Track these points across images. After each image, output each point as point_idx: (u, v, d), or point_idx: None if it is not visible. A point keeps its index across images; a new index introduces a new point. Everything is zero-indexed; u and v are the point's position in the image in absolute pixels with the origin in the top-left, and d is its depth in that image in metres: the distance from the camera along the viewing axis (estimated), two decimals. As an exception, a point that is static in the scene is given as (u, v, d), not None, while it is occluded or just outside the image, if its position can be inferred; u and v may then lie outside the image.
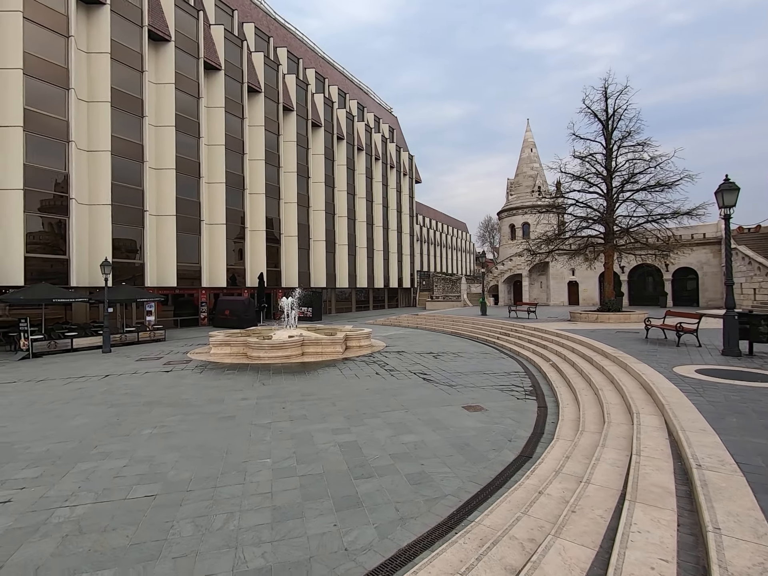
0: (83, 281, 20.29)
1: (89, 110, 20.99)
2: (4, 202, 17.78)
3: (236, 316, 24.87)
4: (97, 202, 20.93)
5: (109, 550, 3.59)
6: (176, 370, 11.82)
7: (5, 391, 9.62)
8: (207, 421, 7.14)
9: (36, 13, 18.53)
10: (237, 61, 29.02)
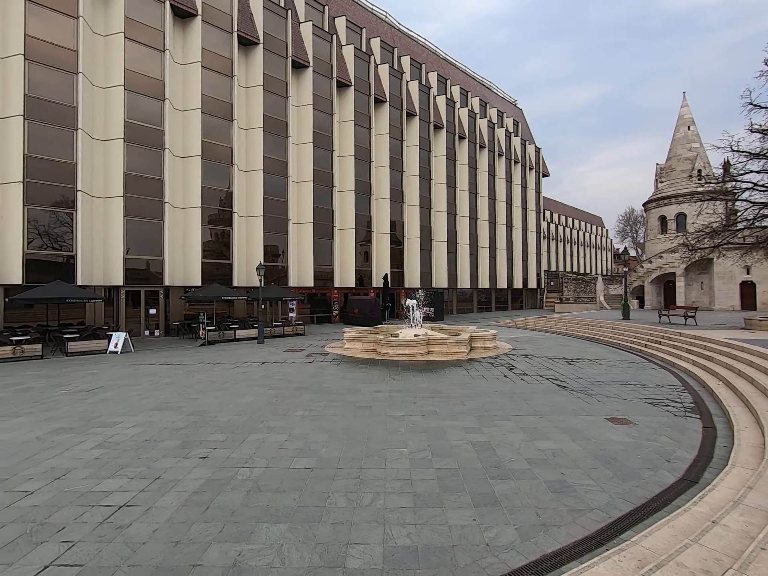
0: (242, 282, 23.91)
1: (247, 137, 24.69)
2: (188, 218, 22.00)
3: (363, 314, 26.56)
4: (252, 214, 24.47)
5: (282, 508, 4.26)
6: (317, 361, 13.20)
7: (193, 371, 11.95)
8: (348, 408, 7.86)
9: (208, 60, 22.60)
10: (365, 76, 30.99)
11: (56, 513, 4.16)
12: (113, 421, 7.09)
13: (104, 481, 4.85)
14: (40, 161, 17.56)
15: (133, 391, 9.38)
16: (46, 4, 17.58)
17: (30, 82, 17.27)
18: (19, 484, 4.80)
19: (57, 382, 10.50)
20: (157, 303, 21.51)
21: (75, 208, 18.34)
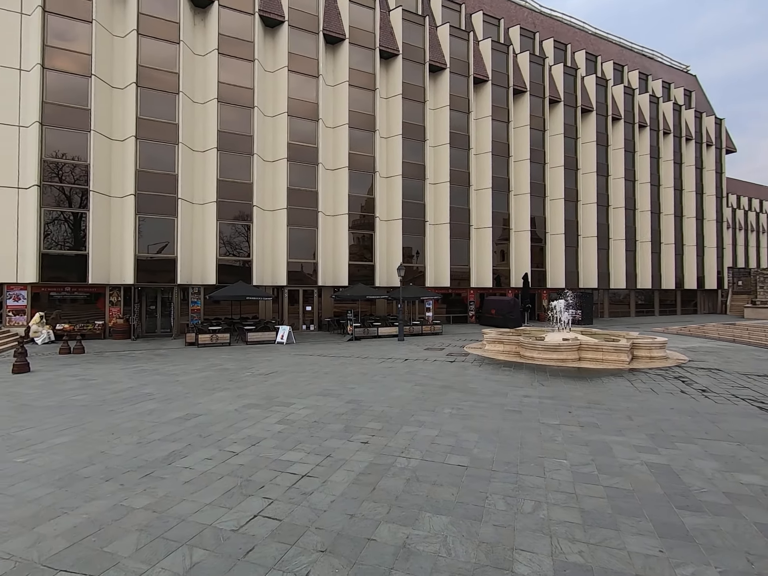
0: (383, 282, 25.34)
1: (387, 145, 26.09)
2: (337, 225, 24.27)
3: (501, 315, 25.62)
4: (392, 217, 25.74)
5: (441, 501, 4.39)
6: (458, 361, 13.23)
7: (346, 363, 13.14)
8: (495, 410, 7.69)
9: (354, 78, 24.53)
10: (502, 68, 29.87)
11: (256, 473, 5.03)
12: (288, 402, 8.25)
13: (287, 453, 5.68)
14: (227, 183, 21.43)
15: (301, 377, 10.76)
16: (232, 54, 21.44)
17: (221, 120, 21.27)
18: (227, 446, 5.94)
19: (243, 365, 12.68)
20: (312, 301, 24.24)
21: (251, 220, 21.90)
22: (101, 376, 10.83)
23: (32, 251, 17.79)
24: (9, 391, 9.11)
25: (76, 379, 10.51)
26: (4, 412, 7.55)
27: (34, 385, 9.78)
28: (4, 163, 18.02)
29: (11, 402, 8.21)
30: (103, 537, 3.71)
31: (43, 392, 9.06)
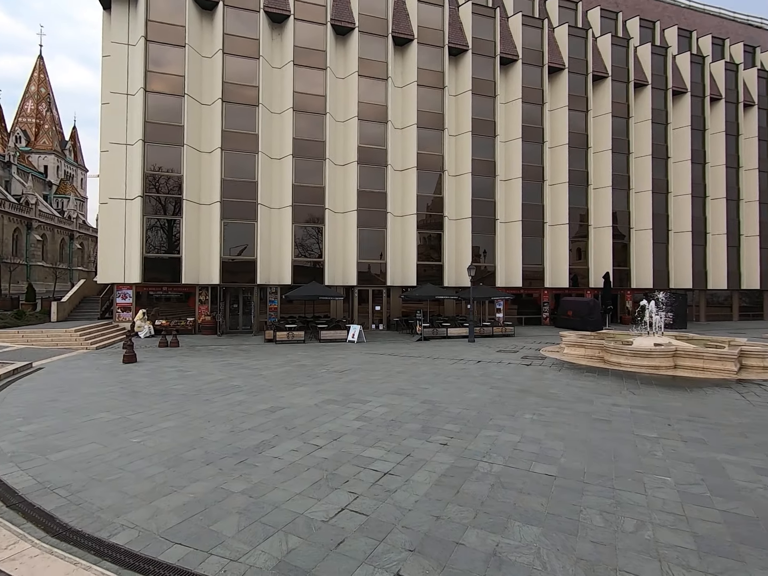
0: (451, 282, 24.97)
1: (456, 142, 25.67)
2: (405, 225, 24.37)
3: (579, 318, 24.06)
4: (461, 216, 25.27)
5: (531, 511, 4.19)
6: (535, 364, 12.63)
7: (417, 363, 13.14)
8: (581, 419, 7.21)
9: (423, 78, 24.46)
10: (580, 54, 28.05)
11: (340, 468, 5.18)
12: (364, 400, 8.41)
13: (368, 449, 5.78)
14: (301, 188, 22.44)
15: (374, 375, 10.94)
16: (306, 64, 22.46)
17: (296, 127, 22.34)
18: (311, 439, 6.19)
19: (319, 362, 13.19)
20: (381, 300, 24.57)
21: (323, 222, 22.74)
22: (195, 368, 11.86)
23: (137, 255, 20.00)
24: (122, 379, 10.30)
25: (174, 370, 11.62)
26: (121, 397, 8.55)
27: (142, 374, 10.97)
28: (115, 178, 20.44)
29: (125, 389, 9.28)
30: (208, 516, 4.04)
31: (149, 381, 10.13)
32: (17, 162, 48.73)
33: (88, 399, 8.33)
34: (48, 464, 5.20)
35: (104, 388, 9.27)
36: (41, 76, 59.54)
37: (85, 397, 8.50)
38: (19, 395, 8.58)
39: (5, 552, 3.25)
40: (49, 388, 9.27)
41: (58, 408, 7.68)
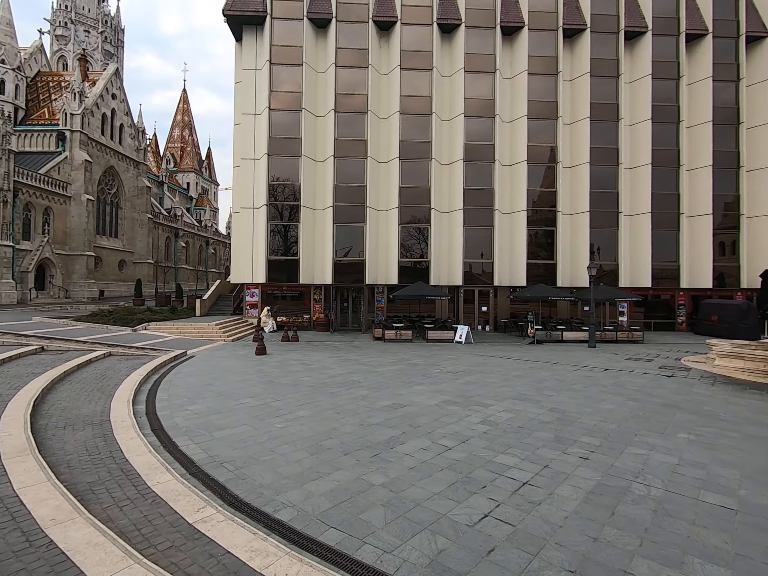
0: (566, 282, 23.17)
1: (571, 131, 23.74)
2: (514, 222, 23.26)
3: (727, 323, 20.53)
4: (577, 210, 23.30)
5: (711, 548, 3.60)
6: (678, 376, 11.05)
7: (534, 367, 12.41)
8: (756, 443, 6.08)
9: (534, 65, 23.09)
10: (730, 13, 23.91)
11: (474, 471, 5.07)
12: (485, 403, 8.18)
13: (500, 455, 5.57)
14: (407, 189, 22.79)
15: (490, 378, 10.60)
16: (412, 66, 22.77)
17: (402, 130, 22.76)
18: (438, 439, 6.18)
19: (430, 362, 13.23)
20: (488, 301, 23.80)
21: (429, 222, 22.80)
22: (316, 362, 12.75)
23: (262, 258, 22.24)
24: (258, 369, 11.50)
25: (299, 363, 12.62)
26: (260, 385, 9.54)
27: (273, 365, 12.13)
28: (245, 190, 22.99)
29: (262, 378, 10.34)
30: (356, 505, 4.24)
31: (280, 372, 11.14)
32: (168, 181, 57.86)
33: (235, 385, 9.45)
34: (213, 441, 5.98)
35: (245, 377, 10.44)
36: (185, 106, 69.88)
37: (232, 383, 9.66)
38: (182, 378, 10.09)
39: (197, 514, 3.78)
40: (202, 373, 10.75)
41: (213, 392, 8.84)
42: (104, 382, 9.12)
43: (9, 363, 10.13)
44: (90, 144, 35.36)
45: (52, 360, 10.88)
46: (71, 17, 66.93)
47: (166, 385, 9.42)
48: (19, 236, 29.30)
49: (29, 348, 11.68)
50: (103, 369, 10.48)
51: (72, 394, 8.08)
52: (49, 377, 8.65)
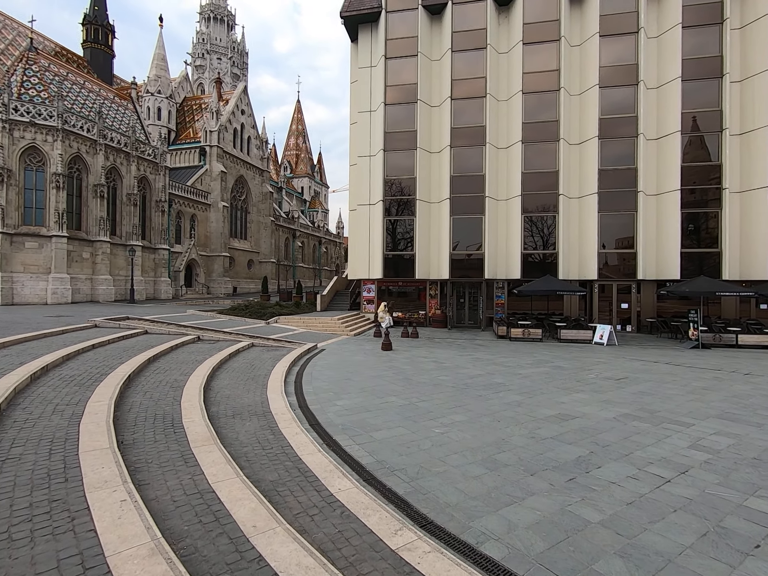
0: (734, 274, 19.10)
1: (742, 90, 19.43)
2: (662, 205, 19.86)
3: None
4: (752, 186, 19.00)
5: None
6: None
7: (720, 377, 10.08)
8: None
9: (689, 16, 19.37)
10: None
11: (725, 519, 3.79)
12: (681, 421, 6.59)
13: (749, 498, 4.17)
14: (531, 175, 20.88)
15: (668, 389, 8.76)
16: (536, 40, 20.75)
17: (525, 111, 20.90)
18: (644, 466, 4.94)
19: (576, 365, 11.64)
20: (629, 297, 20.74)
21: (556, 210, 20.61)
22: (447, 360, 12.05)
23: (378, 254, 22.33)
24: (390, 365, 11.21)
25: (429, 360, 12.06)
26: (398, 383, 9.14)
27: (403, 362, 11.75)
28: (361, 187, 23.31)
29: (397, 375, 9.96)
30: (579, 548, 3.34)
31: (413, 369, 10.68)
32: (285, 186, 62.72)
33: (373, 381, 9.18)
34: (374, 442, 5.57)
35: (380, 372, 10.17)
36: (299, 116, 75.10)
37: (369, 379, 9.42)
38: (321, 372, 10.18)
39: (397, 539, 3.25)
40: (338, 367, 10.77)
41: (355, 387, 8.65)
42: (255, 372, 9.54)
43: (176, 350, 11.28)
44: (225, 156, 39.63)
45: (208, 349, 11.88)
46: (207, 48, 76.45)
47: (308, 377, 9.53)
48: (172, 240, 33.98)
49: (189, 337, 12.99)
50: (250, 359, 11.10)
51: (231, 383, 8.51)
52: (210, 365, 9.29)
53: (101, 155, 27.08)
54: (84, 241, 26.42)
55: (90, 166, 26.80)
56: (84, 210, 26.82)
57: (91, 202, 26.85)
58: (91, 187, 26.83)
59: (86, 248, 26.55)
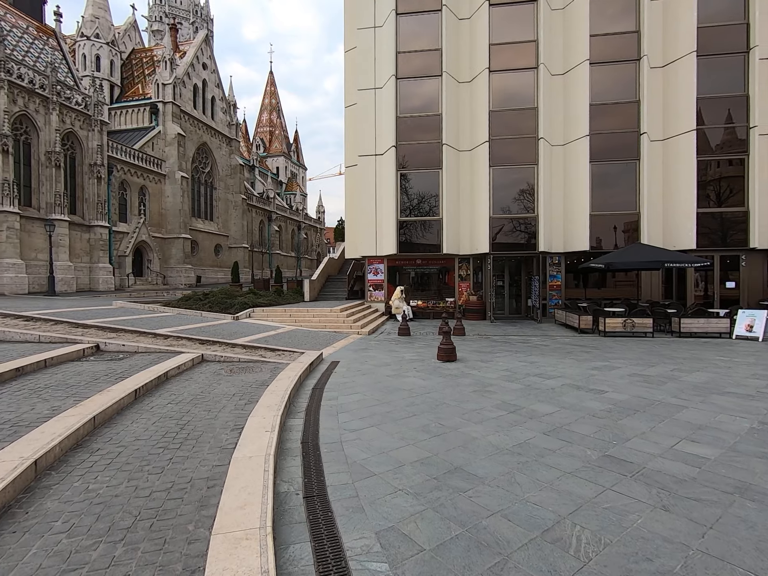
0: None
1: None
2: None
3: None
4: None
5: None
6: None
7: None
8: None
9: None
10: None
11: None
12: None
13: None
14: (603, 109, 15.25)
15: None
16: None
17: (592, 22, 15.16)
18: None
19: (754, 371, 5.97)
20: (736, 275, 15.41)
21: (638, 155, 15.12)
22: (569, 376, 6.16)
23: (391, 221, 16.28)
24: (489, 396, 5.17)
25: (539, 378, 6.13)
26: (554, 445, 3.20)
27: (506, 388, 5.77)
28: (362, 133, 17.14)
29: (526, 419, 3.96)
30: None
31: (547, 406, 4.75)
32: (258, 165, 55.46)
33: (501, 457, 3.21)
34: None
35: (488, 414, 4.20)
36: (272, 89, 67.49)
37: (484, 452, 3.44)
38: (358, 438, 4.10)
39: None
40: (386, 412, 4.73)
41: (481, 452, 2.65)
42: (190, 447, 3.40)
43: (11, 382, 4.98)
44: (182, 117, 32.44)
45: (101, 372, 5.61)
46: (165, 11, 67.67)
47: (336, 463, 3.45)
48: (115, 217, 26.83)
49: (73, 348, 6.64)
50: (190, 395, 4.91)
51: (101, 494, 2.39)
52: (63, 430, 3.12)
53: (3, 95, 19.79)
54: (-21, 211, 19.21)
55: (-13, 110, 19.52)
56: (-21, 170, 19.55)
57: (-11, 158, 19.60)
58: (-11, 138, 19.57)
59: (-17, 222, 19.34)
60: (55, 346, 6.75)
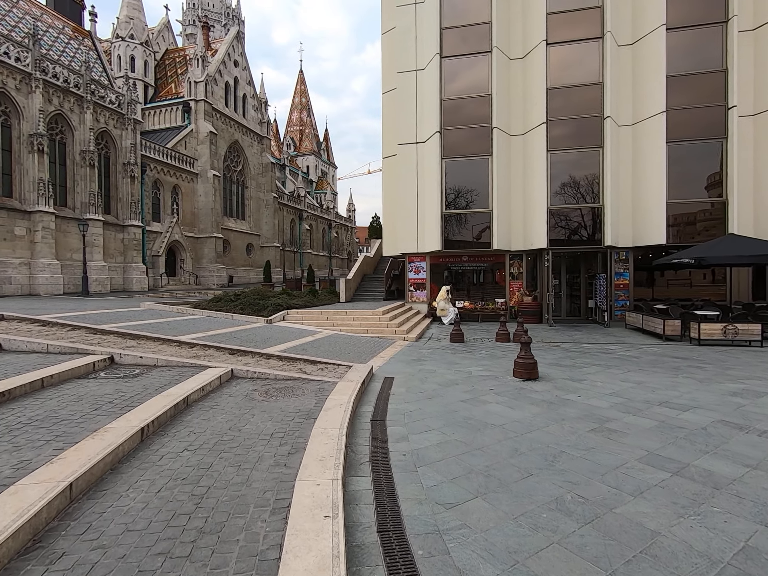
0: None
1: None
2: None
3: None
4: None
5: None
6: None
7: None
8: None
9: None
10: None
11: None
12: None
13: None
14: (683, 81, 13.23)
15: None
16: None
17: None
18: None
19: None
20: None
21: (725, 135, 13.03)
22: (708, 411, 4.54)
23: (435, 214, 14.82)
24: (582, 411, 3.72)
25: (665, 407, 4.54)
26: None
27: (636, 426, 4.21)
28: (402, 119, 15.75)
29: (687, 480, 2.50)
30: None
31: (688, 448, 3.21)
32: (289, 165, 55.07)
33: None
34: None
35: (642, 477, 2.73)
36: (302, 87, 67.14)
37: None
38: (477, 534, 2.72)
39: None
40: (457, 440, 3.34)
41: None
42: (192, 573, 2.12)
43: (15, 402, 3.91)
44: (214, 115, 32.05)
45: (92, 403, 4.46)
46: (198, 14, 68.53)
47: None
48: (148, 217, 26.58)
49: (82, 362, 5.56)
50: (207, 441, 3.66)
51: None
52: (39, 504, 1.91)
53: (39, 94, 19.61)
54: (15, 211, 19.04)
55: (23, 109, 19.35)
56: (16, 170, 19.41)
57: (25, 159, 19.43)
58: (25, 138, 19.40)
59: (19, 222, 19.17)
60: (63, 359, 5.71)
